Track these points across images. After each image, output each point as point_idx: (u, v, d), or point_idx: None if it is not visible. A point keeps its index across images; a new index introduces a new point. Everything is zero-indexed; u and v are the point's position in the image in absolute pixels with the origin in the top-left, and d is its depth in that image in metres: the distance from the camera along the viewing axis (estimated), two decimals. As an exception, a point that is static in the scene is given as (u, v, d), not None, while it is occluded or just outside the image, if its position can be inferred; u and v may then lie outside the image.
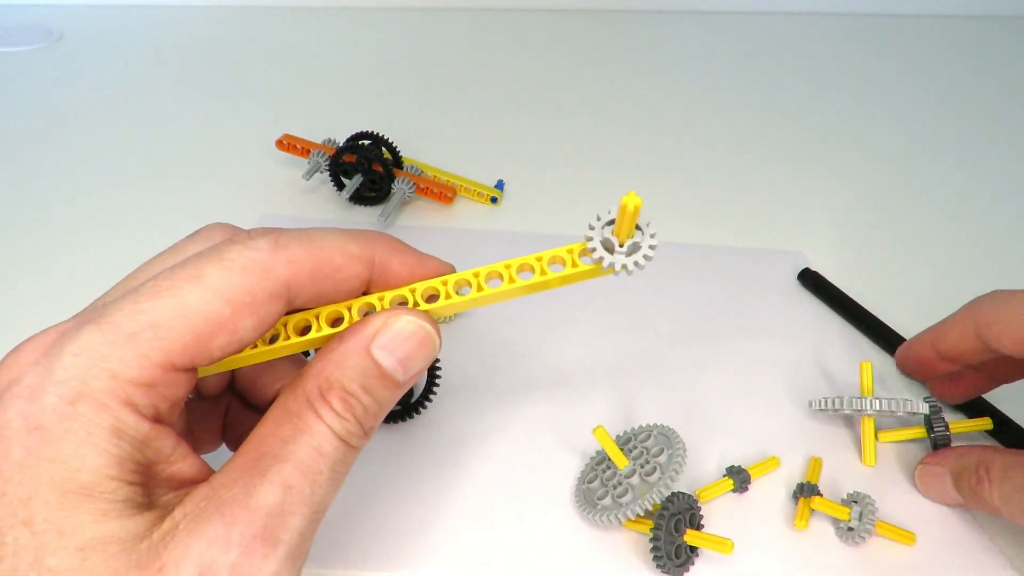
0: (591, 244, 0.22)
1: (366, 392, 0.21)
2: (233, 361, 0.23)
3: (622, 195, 0.21)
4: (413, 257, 0.24)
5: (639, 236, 0.22)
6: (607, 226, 0.22)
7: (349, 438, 0.21)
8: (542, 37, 0.89)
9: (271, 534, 0.19)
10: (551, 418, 0.36)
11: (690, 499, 0.30)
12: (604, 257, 0.22)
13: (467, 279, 0.23)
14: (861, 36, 0.92)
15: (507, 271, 0.23)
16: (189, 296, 0.20)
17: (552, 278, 0.23)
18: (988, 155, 0.66)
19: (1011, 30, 0.97)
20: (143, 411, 0.19)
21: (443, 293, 0.23)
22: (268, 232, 0.22)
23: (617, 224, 0.22)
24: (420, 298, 0.23)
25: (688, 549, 0.29)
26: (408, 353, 0.22)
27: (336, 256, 0.22)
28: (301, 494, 0.20)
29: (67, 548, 0.17)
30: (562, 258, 0.23)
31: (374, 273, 0.23)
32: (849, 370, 0.40)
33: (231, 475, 0.20)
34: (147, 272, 0.23)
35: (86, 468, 0.18)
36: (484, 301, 0.23)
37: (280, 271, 0.21)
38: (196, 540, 0.18)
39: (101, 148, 0.59)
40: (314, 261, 0.22)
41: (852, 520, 0.31)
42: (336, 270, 0.22)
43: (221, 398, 0.27)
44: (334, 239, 0.22)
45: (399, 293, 0.23)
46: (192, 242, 0.24)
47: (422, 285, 0.24)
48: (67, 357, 0.19)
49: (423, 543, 0.30)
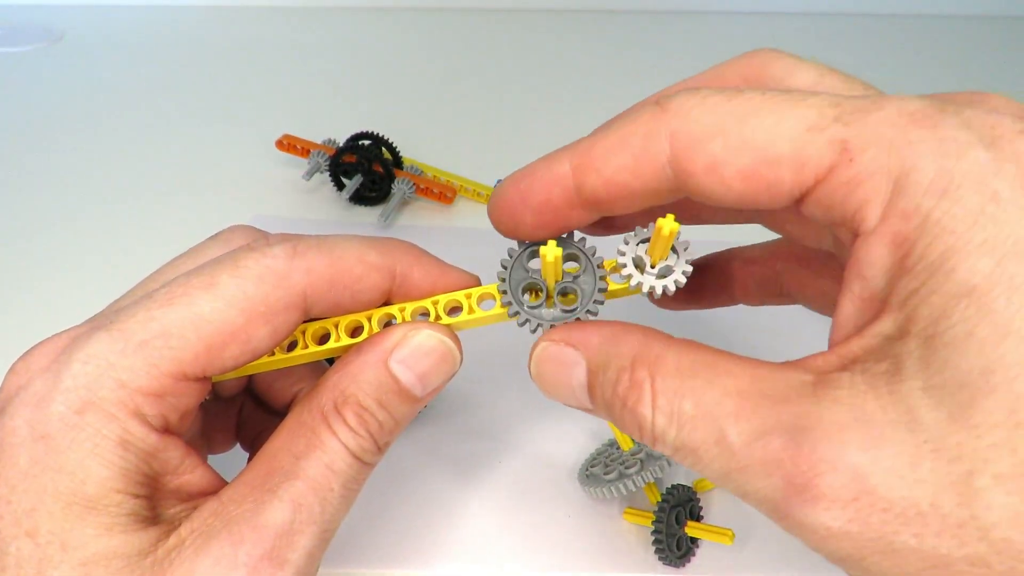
0: (622, 260, 0.21)
1: (382, 407, 0.21)
2: (250, 368, 0.22)
3: (659, 217, 0.19)
4: (436, 268, 0.23)
5: (673, 259, 0.21)
6: (641, 244, 0.21)
7: (363, 455, 0.20)
8: (542, 37, 0.89)
9: (279, 554, 0.19)
10: (550, 412, 0.36)
11: (690, 491, 0.30)
12: (633, 275, 0.21)
13: (491, 293, 0.22)
14: (861, 36, 0.93)
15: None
16: (202, 305, 0.19)
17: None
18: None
19: (1011, 30, 0.98)
20: (152, 421, 0.19)
21: (466, 307, 0.23)
22: (286, 239, 0.21)
23: (651, 245, 0.21)
24: (442, 311, 0.23)
25: (689, 540, 0.29)
26: (428, 369, 0.21)
27: (355, 266, 0.21)
28: (311, 513, 0.19)
29: (70, 562, 0.17)
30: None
31: (394, 283, 0.22)
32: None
33: (241, 490, 0.19)
34: (164, 276, 0.22)
35: (91, 480, 0.18)
36: (505, 317, 0.22)
37: (297, 280, 0.20)
38: (202, 559, 0.18)
39: (101, 148, 0.59)
40: (332, 270, 0.21)
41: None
42: (355, 280, 0.21)
43: (236, 399, 0.27)
44: (353, 248, 0.21)
45: (421, 305, 0.22)
46: (212, 244, 0.23)
47: (445, 297, 0.23)
48: (76, 365, 0.18)
49: (425, 539, 0.30)
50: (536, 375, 0.21)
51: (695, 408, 0.17)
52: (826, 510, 0.15)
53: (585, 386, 0.20)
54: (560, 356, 0.20)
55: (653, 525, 0.29)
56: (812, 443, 0.15)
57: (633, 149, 0.18)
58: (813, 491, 0.15)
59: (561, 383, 0.20)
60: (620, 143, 0.19)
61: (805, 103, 0.17)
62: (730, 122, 0.17)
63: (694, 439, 0.17)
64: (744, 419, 0.16)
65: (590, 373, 0.19)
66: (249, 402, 0.27)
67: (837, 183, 0.17)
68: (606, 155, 0.19)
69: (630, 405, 0.18)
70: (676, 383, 0.17)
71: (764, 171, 0.17)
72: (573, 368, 0.20)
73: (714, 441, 0.16)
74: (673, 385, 0.17)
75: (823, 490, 0.15)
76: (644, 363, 0.18)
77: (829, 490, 0.15)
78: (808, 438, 0.15)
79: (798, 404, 0.16)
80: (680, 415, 0.17)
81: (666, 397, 0.17)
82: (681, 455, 0.17)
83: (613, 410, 0.19)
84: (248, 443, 0.27)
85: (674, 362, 0.18)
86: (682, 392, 0.17)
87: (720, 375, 0.17)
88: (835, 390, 0.16)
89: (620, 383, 0.18)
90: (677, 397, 0.17)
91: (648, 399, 0.18)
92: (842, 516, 0.15)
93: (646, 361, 0.18)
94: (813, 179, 0.17)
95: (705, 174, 0.18)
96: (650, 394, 0.18)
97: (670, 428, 0.17)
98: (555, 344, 0.20)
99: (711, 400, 0.17)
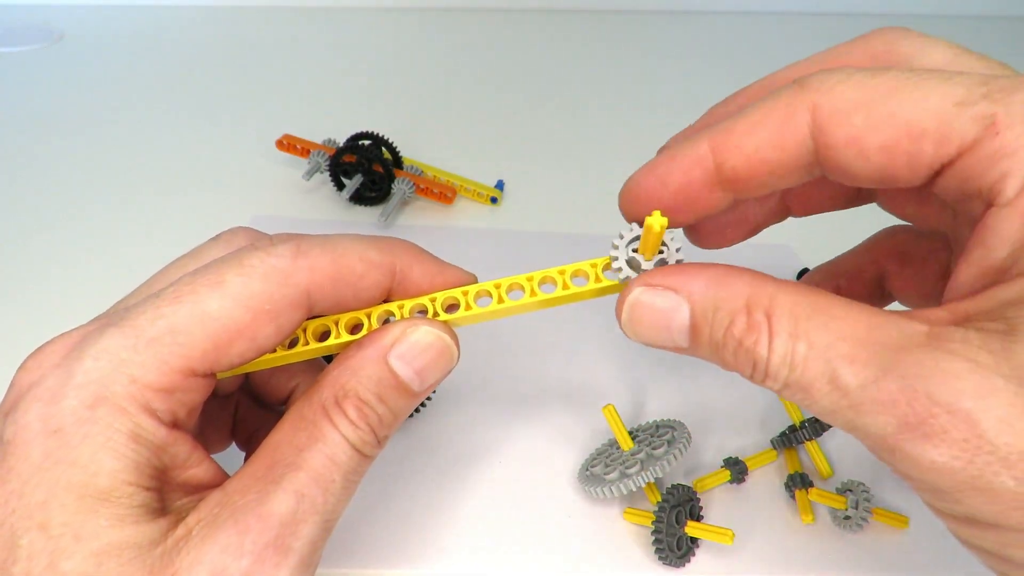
0: (616, 263, 0.22)
1: (381, 401, 0.21)
2: (251, 365, 0.23)
3: (648, 216, 0.21)
4: (434, 266, 0.24)
5: (664, 252, 0.22)
6: (632, 242, 0.22)
7: (363, 447, 0.21)
8: (542, 37, 0.89)
9: (283, 543, 0.19)
10: (550, 413, 0.36)
11: (690, 491, 0.30)
12: (630, 276, 0.22)
13: (488, 290, 0.23)
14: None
15: (529, 283, 0.23)
16: (209, 302, 0.20)
17: (575, 292, 0.23)
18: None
19: (1011, 30, 0.98)
20: (161, 416, 0.19)
21: (463, 303, 0.23)
22: (290, 239, 0.22)
23: (642, 243, 0.22)
24: (440, 308, 0.23)
25: (689, 540, 0.29)
26: (426, 364, 0.22)
27: (357, 264, 0.22)
28: (314, 503, 0.20)
29: (83, 552, 0.18)
30: (585, 272, 0.23)
31: (394, 281, 0.23)
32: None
33: (245, 481, 0.20)
34: (168, 276, 0.23)
35: (104, 472, 0.18)
36: (504, 313, 0.23)
37: (301, 278, 0.21)
38: (209, 547, 0.18)
39: (101, 148, 0.59)
40: (335, 268, 0.21)
41: (848, 508, 0.31)
42: (358, 278, 0.22)
43: (231, 397, 0.27)
44: (355, 246, 0.22)
45: (419, 302, 0.23)
46: (214, 246, 0.24)
47: (443, 295, 0.23)
48: (88, 361, 0.19)
49: (425, 539, 0.30)
50: (628, 319, 0.21)
51: (809, 349, 0.17)
52: (935, 447, 0.16)
53: (687, 328, 0.20)
54: (659, 300, 0.20)
55: (653, 525, 0.29)
56: (928, 388, 0.16)
57: (775, 123, 0.19)
58: (925, 429, 0.16)
59: (659, 326, 0.20)
60: (762, 119, 0.19)
61: (952, 80, 0.18)
62: (875, 97, 0.18)
63: (806, 378, 0.17)
64: (860, 363, 0.17)
65: (695, 315, 0.20)
66: (245, 400, 0.27)
67: (979, 156, 0.17)
68: (748, 131, 0.20)
69: (747, 345, 0.18)
70: (791, 324, 0.18)
71: (906, 144, 0.18)
72: (674, 312, 0.20)
73: (827, 380, 0.17)
74: (788, 326, 0.18)
75: (935, 429, 0.16)
76: (759, 305, 0.19)
77: (941, 430, 0.16)
78: (924, 383, 0.16)
79: (913, 352, 0.17)
80: (794, 355, 0.18)
81: (781, 338, 0.18)
82: (791, 391, 0.18)
83: (723, 351, 0.19)
84: (244, 441, 0.28)
85: (789, 304, 0.18)
86: (797, 333, 0.18)
87: (835, 319, 0.18)
88: (949, 342, 0.16)
89: (736, 324, 0.19)
90: (792, 338, 0.18)
91: (765, 340, 0.18)
92: (948, 453, 0.16)
93: (760, 303, 0.19)
94: (956, 152, 0.18)
95: (846, 146, 0.18)
96: (767, 335, 0.18)
97: (783, 367, 0.18)
98: (653, 288, 0.20)
99: (825, 342, 0.17)
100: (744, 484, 0.33)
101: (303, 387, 0.26)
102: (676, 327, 0.20)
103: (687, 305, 0.20)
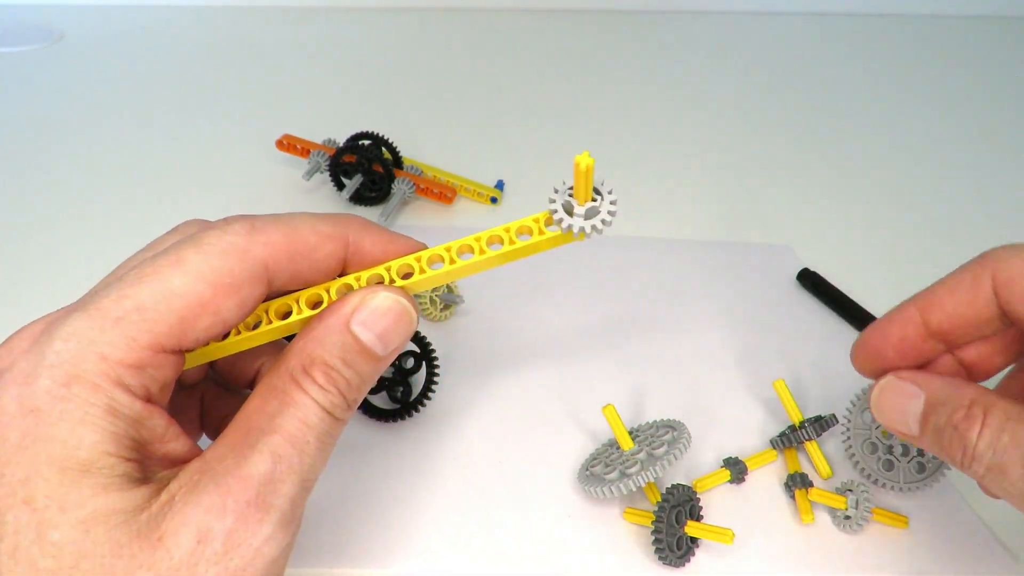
0: (552, 206, 0.23)
1: (347, 366, 0.22)
2: (217, 350, 0.24)
3: (577, 156, 0.21)
4: (384, 235, 0.25)
5: (599, 200, 0.23)
6: (569, 191, 0.23)
7: (334, 410, 0.22)
8: (542, 37, 0.89)
9: (264, 501, 0.20)
10: (550, 413, 0.36)
11: (690, 491, 0.30)
12: (564, 219, 0.23)
13: (439, 254, 0.24)
14: (861, 36, 0.93)
15: (477, 243, 0.24)
16: (172, 280, 0.20)
17: (520, 247, 0.24)
18: (986, 154, 0.66)
19: (1011, 30, 0.98)
20: (135, 391, 0.20)
21: (417, 269, 0.24)
22: (243, 217, 0.23)
23: (575, 187, 0.22)
24: (396, 275, 0.24)
25: (689, 540, 0.29)
26: (386, 328, 0.23)
27: (310, 236, 0.23)
28: (291, 463, 0.20)
29: (69, 521, 0.18)
30: (529, 227, 0.24)
31: (348, 253, 0.24)
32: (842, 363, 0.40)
33: (222, 450, 0.20)
34: (130, 264, 0.23)
35: (84, 445, 0.18)
36: (457, 274, 0.24)
37: (258, 252, 0.22)
38: (193, 509, 0.19)
39: (101, 148, 0.59)
40: (289, 241, 0.22)
41: (848, 508, 0.31)
42: (311, 249, 0.23)
43: (197, 387, 0.28)
44: (307, 220, 0.23)
45: (375, 272, 0.24)
46: (169, 236, 0.24)
47: (397, 263, 0.24)
48: (57, 343, 0.19)
49: (425, 539, 0.30)
50: (876, 401, 0.27)
51: (1011, 439, 0.22)
52: None
53: (919, 415, 0.25)
54: (903, 388, 0.26)
55: (653, 525, 0.29)
56: None
57: (964, 286, 0.26)
58: None
59: (898, 408, 0.26)
60: (955, 285, 0.26)
61: None
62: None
63: (1004, 461, 0.22)
64: None
65: (928, 405, 0.25)
66: (211, 388, 0.28)
67: None
68: (945, 295, 0.27)
69: (961, 430, 0.24)
70: (1001, 421, 0.23)
71: None
72: (912, 399, 0.26)
73: (1021, 465, 0.22)
74: (998, 422, 0.23)
75: None
76: (980, 404, 0.24)
77: None
78: None
79: None
80: (997, 442, 0.23)
81: (991, 429, 0.23)
82: (991, 475, 0.23)
83: (942, 435, 0.24)
84: (213, 431, 0.28)
85: (1004, 408, 0.23)
86: (1004, 428, 0.23)
87: None
88: None
89: (956, 414, 0.24)
90: (999, 431, 0.23)
91: (977, 428, 0.23)
92: None
93: (982, 403, 0.24)
94: None
95: (1021, 302, 0.25)
96: (979, 425, 0.23)
97: (987, 451, 0.23)
98: (900, 380, 0.27)
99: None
100: (744, 484, 0.33)
101: (269, 364, 0.27)
102: (911, 412, 0.26)
103: (923, 396, 0.25)
